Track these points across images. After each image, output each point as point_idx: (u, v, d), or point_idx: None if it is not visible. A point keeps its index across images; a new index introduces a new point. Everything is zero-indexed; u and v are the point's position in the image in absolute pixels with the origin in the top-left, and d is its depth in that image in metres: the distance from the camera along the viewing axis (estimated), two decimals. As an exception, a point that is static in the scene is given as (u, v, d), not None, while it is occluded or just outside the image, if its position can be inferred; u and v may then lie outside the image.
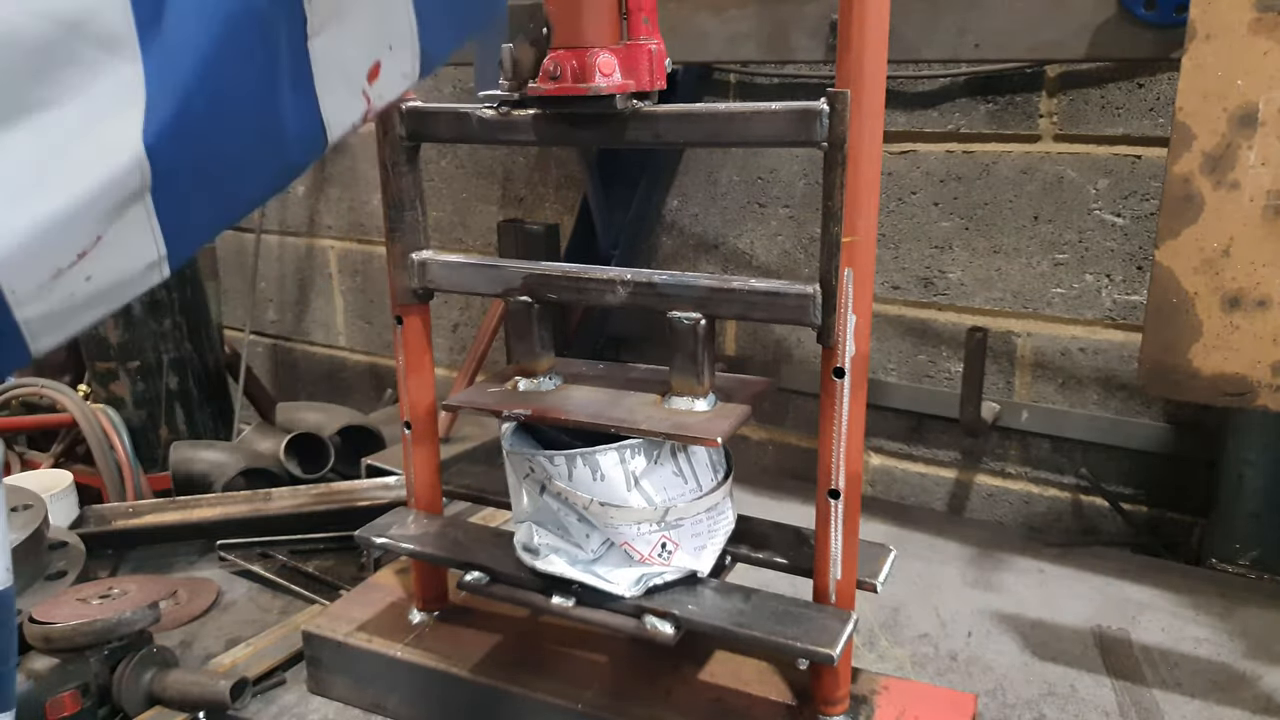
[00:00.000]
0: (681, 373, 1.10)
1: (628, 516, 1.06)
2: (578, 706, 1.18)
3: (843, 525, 1.07)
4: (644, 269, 1.11)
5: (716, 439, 1.03)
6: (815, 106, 0.95)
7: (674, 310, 1.08)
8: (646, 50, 1.02)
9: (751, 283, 1.04)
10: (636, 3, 1.01)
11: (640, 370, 1.23)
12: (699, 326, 1.07)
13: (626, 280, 1.10)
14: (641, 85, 1.03)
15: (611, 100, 1.01)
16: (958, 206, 2.09)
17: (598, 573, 1.09)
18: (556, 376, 1.21)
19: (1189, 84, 1.14)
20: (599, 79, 0.99)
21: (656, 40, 1.03)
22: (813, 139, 0.96)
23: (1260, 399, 1.16)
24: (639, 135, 1.05)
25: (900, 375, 2.25)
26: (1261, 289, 1.14)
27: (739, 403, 1.12)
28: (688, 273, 1.09)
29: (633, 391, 1.16)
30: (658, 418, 1.07)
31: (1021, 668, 1.48)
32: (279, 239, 3.15)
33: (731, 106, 1.01)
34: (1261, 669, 1.46)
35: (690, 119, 1.03)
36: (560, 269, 1.14)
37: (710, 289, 1.06)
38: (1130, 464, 2.05)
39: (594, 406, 1.12)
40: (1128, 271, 1.96)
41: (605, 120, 1.04)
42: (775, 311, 1.04)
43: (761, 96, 2.25)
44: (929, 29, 1.60)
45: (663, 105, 1.04)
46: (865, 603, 1.53)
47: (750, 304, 1.05)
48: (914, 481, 2.32)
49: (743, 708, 1.17)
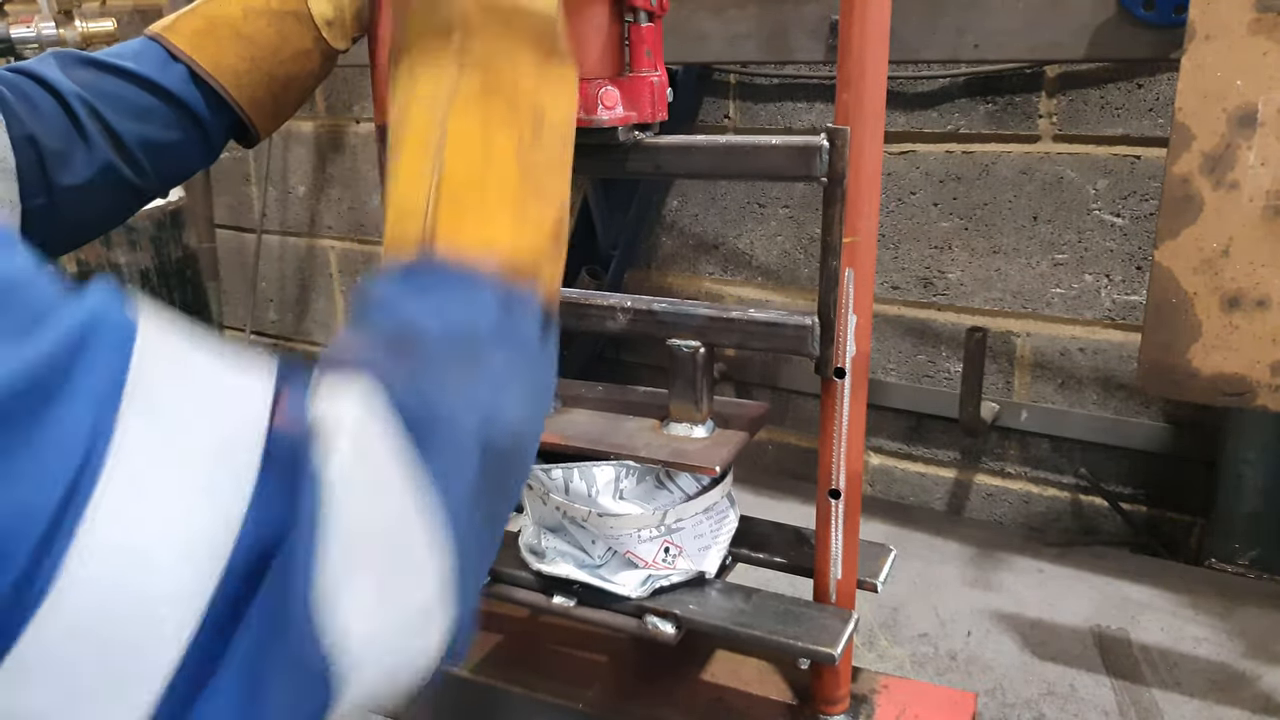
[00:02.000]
0: (680, 399, 1.11)
1: (627, 524, 1.07)
2: (578, 706, 1.18)
3: (843, 525, 1.07)
4: (644, 296, 1.12)
5: (714, 467, 1.04)
6: (815, 142, 0.96)
7: (673, 338, 1.09)
8: (648, 82, 1.03)
9: (750, 313, 1.06)
10: (639, 35, 1.01)
11: (638, 393, 1.24)
12: (698, 354, 1.08)
13: (627, 307, 1.11)
14: (644, 117, 1.03)
15: (614, 132, 1.02)
16: (957, 207, 2.09)
17: (603, 575, 1.10)
18: (555, 399, 1.22)
19: (1188, 84, 1.14)
20: (601, 111, 1.00)
21: (659, 72, 1.03)
22: (812, 174, 0.97)
23: (1259, 399, 1.16)
24: (640, 166, 1.06)
25: (900, 375, 2.26)
26: (1261, 289, 1.14)
27: (737, 429, 1.13)
28: (687, 301, 1.10)
29: (631, 416, 1.17)
30: (656, 444, 1.09)
31: (1021, 667, 1.48)
32: (279, 239, 3.15)
33: (731, 140, 1.02)
34: (1261, 668, 1.47)
35: (691, 151, 1.04)
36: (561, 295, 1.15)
37: (709, 318, 1.07)
38: (1129, 464, 2.06)
39: (593, 431, 1.13)
40: (1127, 272, 1.96)
41: (607, 150, 1.05)
42: (773, 342, 1.05)
43: (761, 97, 2.26)
44: (928, 29, 1.60)
45: (664, 137, 1.05)
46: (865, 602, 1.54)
47: (749, 333, 1.06)
48: (914, 481, 2.32)
49: (743, 707, 1.18)
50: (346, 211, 2.99)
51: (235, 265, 3.21)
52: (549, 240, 0.63)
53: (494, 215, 0.59)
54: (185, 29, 0.89)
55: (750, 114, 2.28)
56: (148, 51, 0.89)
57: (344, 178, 2.96)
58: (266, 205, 3.03)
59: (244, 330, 2.87)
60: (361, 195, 2.95)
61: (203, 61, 0.89)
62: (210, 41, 0.89)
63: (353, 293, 0.65)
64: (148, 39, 0.90)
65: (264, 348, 3.32)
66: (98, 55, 0.87)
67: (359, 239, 3.01)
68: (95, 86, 0.85)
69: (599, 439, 1.10)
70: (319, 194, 3.03)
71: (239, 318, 3.12)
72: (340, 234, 3.04)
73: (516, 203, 0.60)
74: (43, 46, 2.06)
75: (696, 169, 1.07)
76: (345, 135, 2.91)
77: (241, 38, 0.90)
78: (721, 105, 2.31)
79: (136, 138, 0.87)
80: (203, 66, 0.89)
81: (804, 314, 1.02)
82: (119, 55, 0.88)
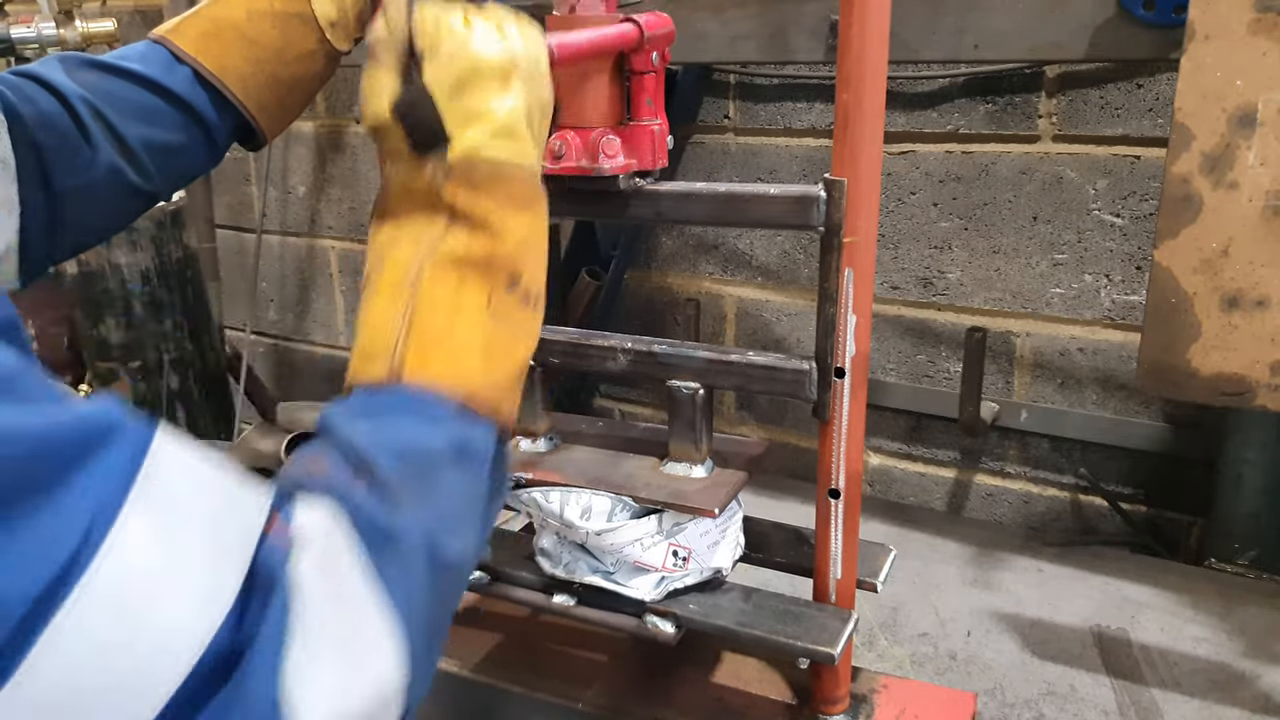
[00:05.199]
0: (680, 439, 1.13)
1: (624, 537, 1.07)
2: (578, 706, 1.19)
3: (843, 525, 1.07)
4: (644, 338, 1.13)
5: (714, 509, 1.05)
6: (813, 193, 0.98)
7: (674, 379, 1.10)
8: (649, 131, 1.04)
9: (750, 355, 1.08)
10: (640, 86, 1.03)
11: (638, 429, 1.26)
12: (697, 396, 1.10)
13: (627, 348, 1.13)
14: (644, 165, 1.05)
15: (615, 179, 1.04)
16: (957, 207, 2.09)
17: (617, 580, 1.10)
18: (556, 436, 1.23)
19: (1188, 84, 1.14)
20: (603, 160, 1.02)
21: (659, 120, 1.05)
22: (809, 223, 0.98)
23: (1259, 399, 1.16)
24: (641, 212, 1.08)
25: (900, 375, 2.26)
26: (1260, 289, 1.14)
27: (735, 468, 1.14)
28: (687, 343, 1.12)
29: (631, 454, 1.18)
30: (656, 484, 1.10)
31: (1020, 667, 1.48)
32: (280, 239, 3.15)
33: (731, 188, 1.04)
34: (1260, 668, 1.47)
35: (691, 199, 1.06)
36: (563, 335, 1.16)
37: (708, 360, 1.09)
38: (1129, 464, 2.06)
39: (593, 470, 1.14)
40: (1126, 272, 1.96)
41: (608, 197, 1.07)
42: (771, 385, 1.07)
43: (761, 97, 2.26)
44: (928, 29, 1.60)
45: (664, 184, 1.07)
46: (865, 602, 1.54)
47: (748, 376, 1.07)
48: (913, 481, 2.32)
49: (743, 707, 1.18)
50: (347, 211, 2.99)
51: (235, 265, 3.21)
52: (510, 380, 0.68)
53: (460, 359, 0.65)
54: (190, 31, 0.89)
55: (750, 114, 2.28)
56: (153, 54, 0.88)
57: (344, 178, 2.96)
58: (266, 205, 3.03)
59: (244, 330, 2.87)
60: (361, 195, 2.95)
61: (208, 64, 0.88)
62: (215, 44, 0.89)
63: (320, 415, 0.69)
64: (152, 42, 0.89)
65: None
66: (102, 58, 0.87)
67: (359, 239, 3.01)
68: (100, 88, 0.84)
69: (599, 478, 1.12)
70: (319, 194, 3.03)
71: (239, 318, 3.12)
72: (340, 234, 3.04)
73: (483, 350, 0.66)
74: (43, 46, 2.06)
75: (696, 216, 1.11)
76: (345, 135, 2.91)
77: (246, 40, 0.89)
78: (721, 105, 2.31)
79: (141, 140, 0.87)
80: (208, 69, 0.88)
81: (802, 359, 1.04)
82: (124, 58, 0.87)
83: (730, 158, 2.33)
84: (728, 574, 1.13)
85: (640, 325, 2.55)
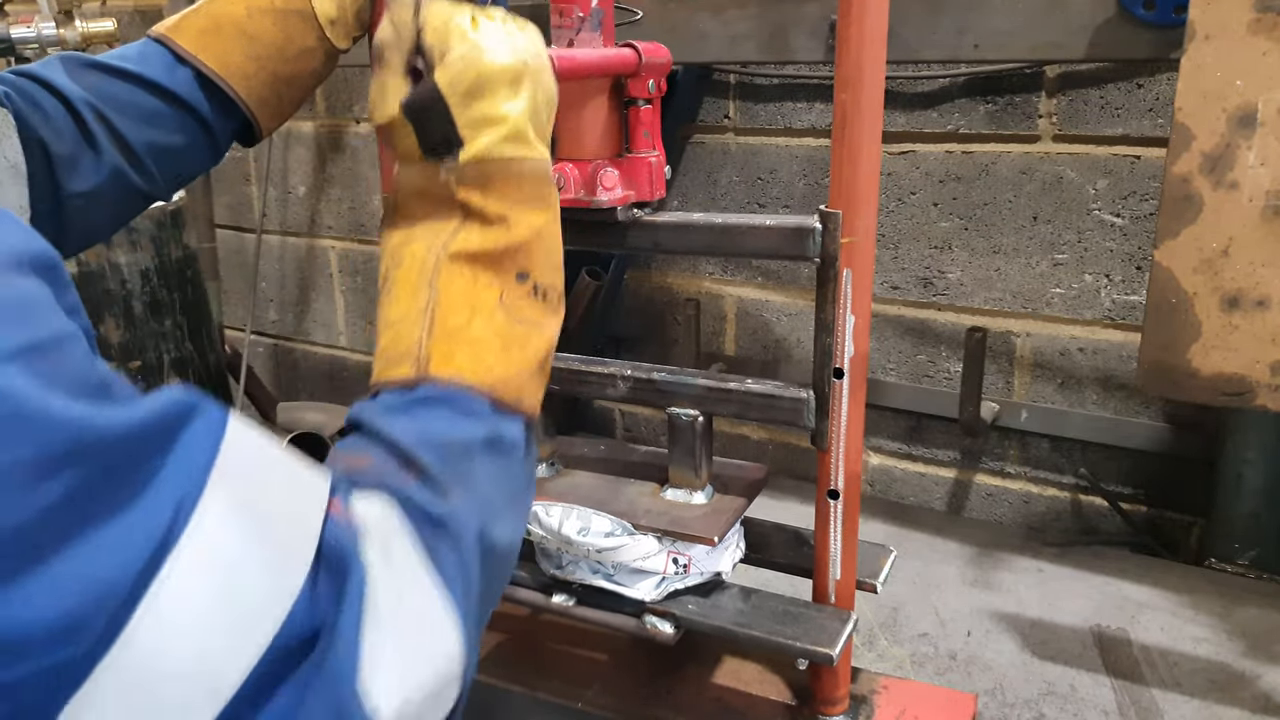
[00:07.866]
0: (680, 465, 1.14)
1: (624, 555, 1.08)
2: (578, 706, 1.19)
3: (842, 525, 1.07)
4: (644, 364, 1.14)
5: (714, 538, 1.06)
6: (808, 224, 0.98)
7: (673, 406, 1.11)
8: (646, 163, 1.05)
9: (748, 384, 1.08)
10: (637, 117, 1.04)
11: (640, 453, 1.27)
12: (697, 423, 1.10)
13: (627, 375, 1.13)
14: (642, 196, 1.06)
15: (613, 211, 1.05)
16: (957, 207, 2.09)
17: (619, 581, 1.11)
18: (558, 462, 1.23)
19: (1188, 84, 1.14)
20: (601, 193, 1.03)
21: (657, 152, 1.06)
22: (805, 254, 0.99)
23: (1259, 399, 1.16)
24: (639, 242, 1.09)
25: (899, 375, 2.26)
26: (1260, 289, 1.14)
27: (736, 494, 1.15)
28: (686, 371, 1.12)
29: (632, 480, 1.19)
30: (656, 511, 1.11)
31: (1021, 667, 1.48)
32: (280, 239, 3.15)
33: (728, 219, 1.05)
34: (1260, 668, 1.47)
35: (688, 230, 1.07)
36: (563, 362, 1.17)
37: (707, 388, 1.10)
38: (1129, 464, 2.06)
39: (594, 496, 1.15)
40: (1127, 271, 1.96)
41: (606, 228, 1.08)
42: (770, 413, 1.07)
43: (761, 97, 2.26)
44: (928, 29, 1.60)
45: (662, 215, 1.08)
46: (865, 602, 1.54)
47: (746, 404, 1.08)
48: (913, 481, 2.32)
49: (743, 707, 1.18)
50: (346, 211, 2.99)
51: (235, 265, 3.21)
52: (533, 369, 0.70)
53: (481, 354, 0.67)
54: (191, 29, 0.89)
55: (750, 114, 2.28)
56: (153, 54, 0.88)
57: (344, 178, 2.96)
58: (266, 205, 3.03)
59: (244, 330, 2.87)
60: (361, 195, 2.95)
61: (210, 62, 0.88)
62: (216, 41, 0.89)
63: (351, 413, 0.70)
64: (152, 40, 0.89)
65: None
66: (103, 59, 0.86)
67: (359, 239, 3.01)
68: (103, 92, 0.84)
69: (601, 504, 1.12)
70: (319, 194, 3.03)
71: (239, 318, 3.12)
72: (340, 234, 3.03)
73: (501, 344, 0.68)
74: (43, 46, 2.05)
75: (693, 246, 1.12)
76: (345, 135, 2.91)
77: (247, 37, 0.89)
78: (721, 105, 2.31)
79: (144, 143, 0.86)
80: (210, 67, 0.88)
81: (800, 387, 1.05)
82: (124, 58, 0.87)
83: (730, 158, 2.33)
84: (728, 576, 1.14)
85: (640, 325, 2.54)
